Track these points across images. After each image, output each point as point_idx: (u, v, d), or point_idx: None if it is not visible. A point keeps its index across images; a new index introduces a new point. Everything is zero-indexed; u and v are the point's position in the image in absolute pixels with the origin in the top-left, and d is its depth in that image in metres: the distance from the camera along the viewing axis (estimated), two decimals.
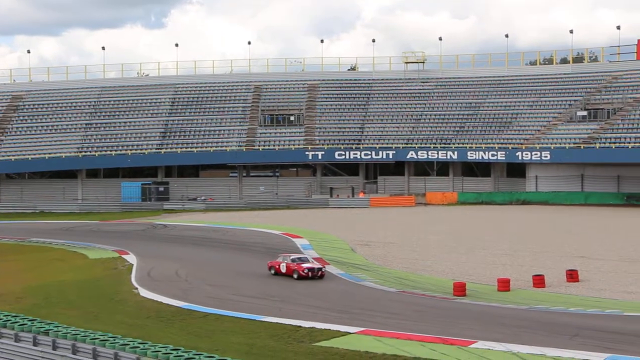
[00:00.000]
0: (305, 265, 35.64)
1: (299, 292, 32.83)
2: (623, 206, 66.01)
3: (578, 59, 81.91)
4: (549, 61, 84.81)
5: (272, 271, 36.48)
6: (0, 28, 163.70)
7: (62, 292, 34.13)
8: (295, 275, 35.19)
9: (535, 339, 24.04)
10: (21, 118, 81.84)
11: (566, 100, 75.35)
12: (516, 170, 73.85)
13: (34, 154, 76.46)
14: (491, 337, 24.21)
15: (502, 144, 72.09)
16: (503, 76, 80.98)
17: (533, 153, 69.57)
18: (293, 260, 35.94)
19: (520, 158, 70.57)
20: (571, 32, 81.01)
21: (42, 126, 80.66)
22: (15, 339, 22.65)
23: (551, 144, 70.00)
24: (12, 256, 45.11)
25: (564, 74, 79.08)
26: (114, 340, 21.90)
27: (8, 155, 76.70)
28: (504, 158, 71.61)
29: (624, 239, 46.98)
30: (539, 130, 72.74)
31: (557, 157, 68.82)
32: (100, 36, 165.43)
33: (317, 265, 36.42)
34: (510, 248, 44.36)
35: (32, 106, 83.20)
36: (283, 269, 35.86)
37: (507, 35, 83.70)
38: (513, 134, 73.42)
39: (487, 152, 71.71)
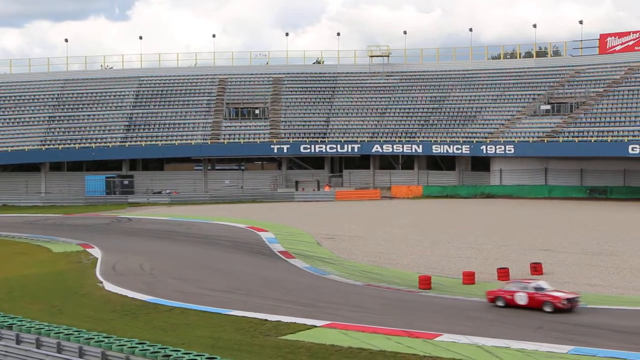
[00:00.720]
0: (560, 294, 27.74)
1: (265, 286, 32.80)
2: (586, 199, 66.66)
3: (541, 53, 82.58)
4: (513, 55, 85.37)
5: (500, 303, 28.14)
6: None
7: (26, 286, 33.81)
8: (547, 309, 27.17)
9: (500, 331, 24.26)
10: None
11: (530, 94, 75.95)
12: (481, 163, 74.31)
13: None
14: (456, 330, 24.39)
15: (466, 137, 72.51)
16: (467, 70, 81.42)
17: (497, 147, 70.04)
18: (537, 289, 27.95)
19: (484, 152, 71.01)
20: (534, 26, 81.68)
21: (4, 119, 79.72)
22: None
23: (515, 137, 70.51)
24: None
25: (528, 68, 79.68)
26: (79, 334, 21.74)
27: None
28: (468, 152, 72.00)
29: (587, 232, 47.49)
30: (503, 124, 73.24)
31: (521, 150, 69.36)
32: (64, 28, 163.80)
33: (572, 294, 28.22)
34: (475, 241, 44.66)
35: None
36: (521, 301, 27.80)
37: (471, 29, 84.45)
38: (477, 128, 73.86)
39: (451, 146, 72.10)
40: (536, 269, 34.75)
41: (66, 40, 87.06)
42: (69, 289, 32.87)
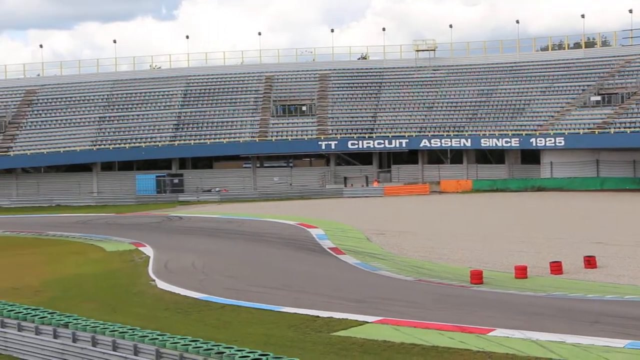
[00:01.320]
0: None
1: (316, 282, 32.84)
2: (639, 191, 65.64)
3: (590, 44, 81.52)
4: (561, 47, 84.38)
5: None
6: (13, 23, 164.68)
7: (80, 285, 34.24)
8: None
9: (555, 326, 23.94)
10: (35, 112, 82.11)
11: (579, 86, 75.00)
12: (530, 156, 73.58)
13: (49, 148, 76.75)
14: (510, 324, 24.13)
15: (515, 130, 71.84)
16: (515, 62, 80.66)
17: (547, 139, 69.30)
18: None
19: (534, 144, 70.30)
20: (582, 16, 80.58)
21: (56, 120, 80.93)
22: (36, 332, 22.76)
23: (565, 129, 69.70)
24: (30, 250, 45.33)
25: (576, 59, 78.69)
26: (133, 332, 21.90)
27: (23, 150, 77.09)
28: (517, 145, 71.34)
29: None
30: (552, 117, 72.45)
31: (572, 142, 68.54)
32: (112, 29, 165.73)
33: None
34: (526, 235, 44.20)
35: (45, 100, 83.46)
36: None
37: (517, 21, 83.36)
38: (526, 121, 73.15)
39: (500, 139, 71.49)
40: (590, 262, 34.27)
41: (114, 42, 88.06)
42: (122, 288, 33.23)
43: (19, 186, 77.70)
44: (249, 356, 19.44)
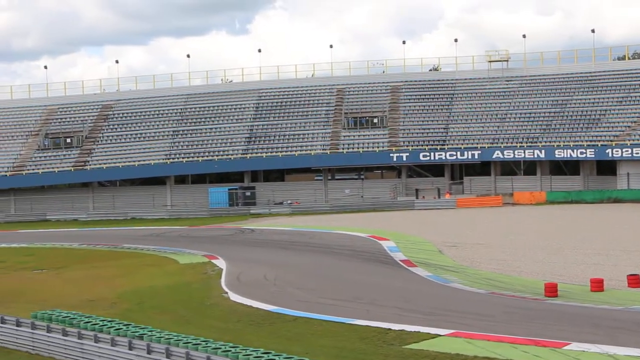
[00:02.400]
0: None
1: (387, 295, 32.71)
2: None
3: None
4: (639, 55, 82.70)
5: None
6: (90, 39, 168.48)
7: (155, 297, 34.71)
8: None
9: (632, 340, 23.41)
10: (111, 127, 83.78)
11: None
12: (606, 167, 72.22)
13: (124, 162, 78.20)
14: (585, 338, 23.67)
15: (591, 141, 70.61)
16: (590, 72, 79.34)
17: (624, 150, 67.97)
18: None
19: (610, 155, 69.00)
20: None
21: (131, 134, 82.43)
22: (112, 343, 23.16)
23: None
24: (106, 262, 46.16)
25: None
26: (206, 344, 22.15)
27: (100, 164, 78.70)
28: (593, 156, 70.12)
29: None
30: (629, 127, 71.03)
31: None
32: (186, 44, 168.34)
33: None
34: (602, 247, 43.34)
35: (121, 115, 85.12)
36: None
37: (593, 31, 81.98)
38: (602, 131, 71.85)
39: (575, 150, 70.32)
40: None
41: (188, 56, 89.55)
42: (195, 300, 33.58)
43: (95, 199, 79.36)
44: None
